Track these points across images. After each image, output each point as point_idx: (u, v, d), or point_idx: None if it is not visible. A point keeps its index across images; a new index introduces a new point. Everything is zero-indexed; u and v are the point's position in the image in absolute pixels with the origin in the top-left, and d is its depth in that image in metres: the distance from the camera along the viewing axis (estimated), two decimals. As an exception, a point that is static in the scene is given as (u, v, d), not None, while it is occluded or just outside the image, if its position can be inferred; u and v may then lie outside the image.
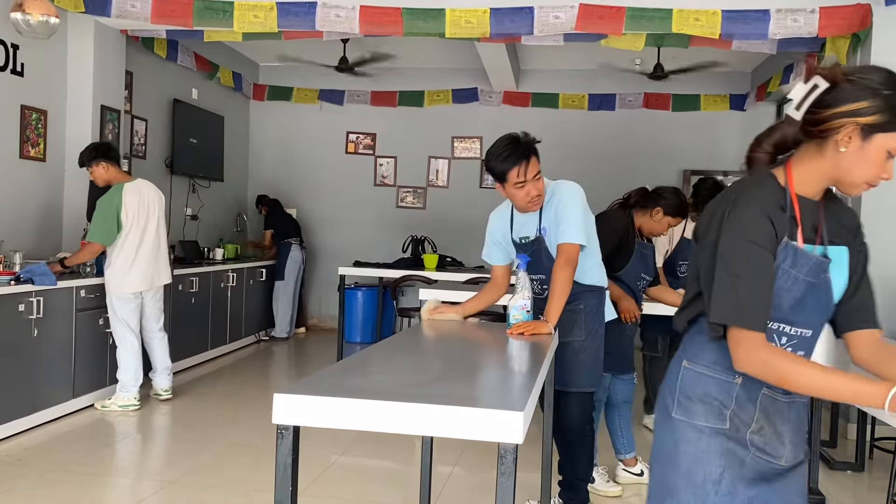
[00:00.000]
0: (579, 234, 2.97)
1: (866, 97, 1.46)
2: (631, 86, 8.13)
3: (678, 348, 1.75)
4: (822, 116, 1.49)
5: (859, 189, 1.54)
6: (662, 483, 1.65)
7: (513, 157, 2.98)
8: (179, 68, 7.23)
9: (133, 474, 3.92)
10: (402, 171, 8.83)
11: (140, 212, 4.94)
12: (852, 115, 1.46)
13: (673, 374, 1.68)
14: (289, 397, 1.59)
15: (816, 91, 1.50)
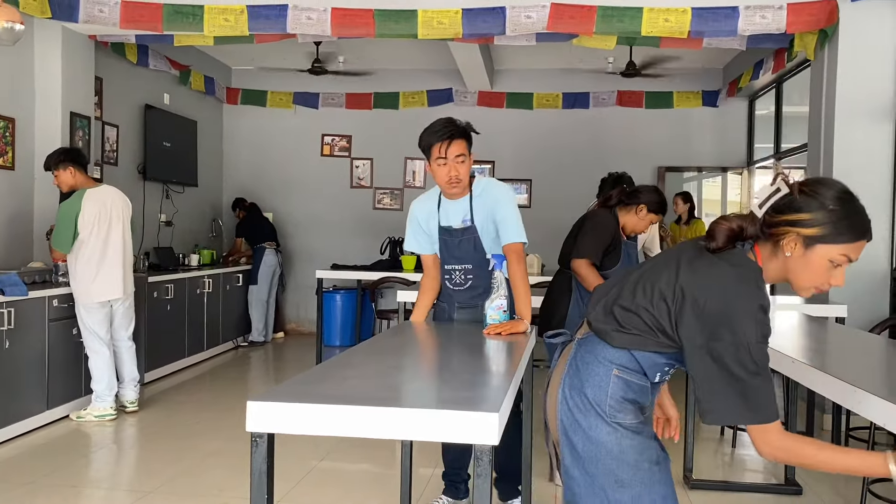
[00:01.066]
0: (521, 233, 3.08)
1: (811, 209, 1.59)
2: (604, 84, 8.18)
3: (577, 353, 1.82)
4: (773, 221, 1.64)
5: (808, 292, 1.68)
6: (608, 478, 1.74)
7: (439, 133, 3.08)
8: (150, 73, 7.16)
9: (109, 485, 3.87)
10: (379, 172, 8.81)
11: (101, 219, 4.82)
12: (795, 225, 1.61)
13: (602, 382, 1.75)
14: (263, 405, 1.58)
15: (778, 195, 1.64)
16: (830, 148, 5.11)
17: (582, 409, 1.76)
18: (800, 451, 1.62)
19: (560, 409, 1.80)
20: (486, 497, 1.54)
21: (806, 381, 2.52)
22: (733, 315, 1.58)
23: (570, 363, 1.83)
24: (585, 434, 1.76)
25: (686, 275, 1.67)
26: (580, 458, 1.77)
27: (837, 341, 3.25)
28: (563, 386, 1.81)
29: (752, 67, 6.86)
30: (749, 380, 1.57)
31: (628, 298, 1.76)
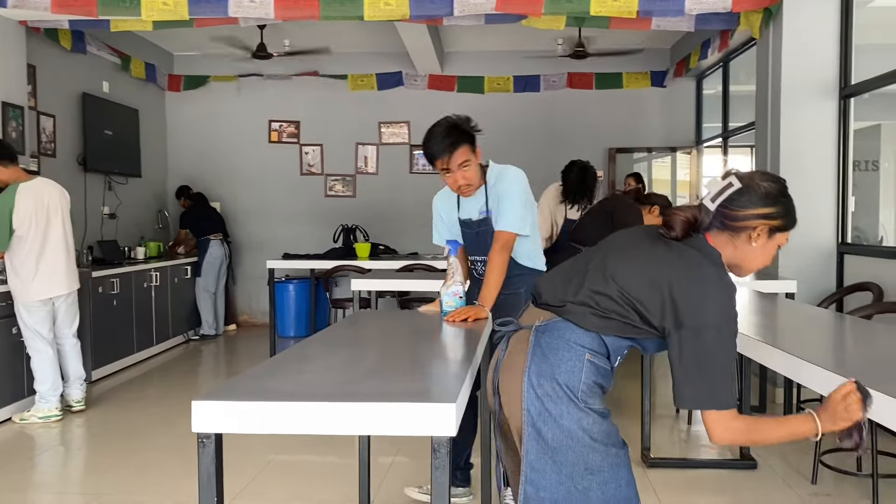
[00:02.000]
0: (515, 223, 3.01)
1: (775, 204, 1.76)
2: (554, 66, 8.17)
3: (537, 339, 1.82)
4: (741, 214, 1.76)
5: (750, 273, 1.86)
6: (578, 467, 1.77)
7: (439, 145, 2.99)
8: (88, 61, 6.89)
9: (57, 489, 3.73)
10: (329, 158, 8.67)
11: (38, 213, 4.61)
12: (765, 218, 1.76)
13: (575, 368, 1.77)
14: (209, 404, 1.51)
15: (730, 189, 1.76)
16: (777, 126, 5.18)
17: (553, 397, 1.77)
18: (750, 429, 1.74)
19: (526, 399, 1.78)
20: (444, 489, 1.50)
21: (758, 356, 2.54)
22: (712, 302, 1.70)
23: (533, 351, 1.81)
24: (556, 423, 1.76)
25: (660, 263, 1.77)
26: (549, 449, 1.77)
27: (787, 316, 3.30)
28: (529, 374, 1.79)
29: (699, 47, 6.92)
30: (725, 365, 1.68)
31: (601, 283, 1.79)
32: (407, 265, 6.21)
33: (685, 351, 1.69)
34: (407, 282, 5.33)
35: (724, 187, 1.77)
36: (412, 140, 8.61)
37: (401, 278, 5.41)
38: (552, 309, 1.85)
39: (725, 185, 1.77)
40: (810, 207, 5.10)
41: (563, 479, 1.77)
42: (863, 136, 6.27)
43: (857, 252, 4.98)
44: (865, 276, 4.61)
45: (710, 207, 1.78)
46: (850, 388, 1.68)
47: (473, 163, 3.04)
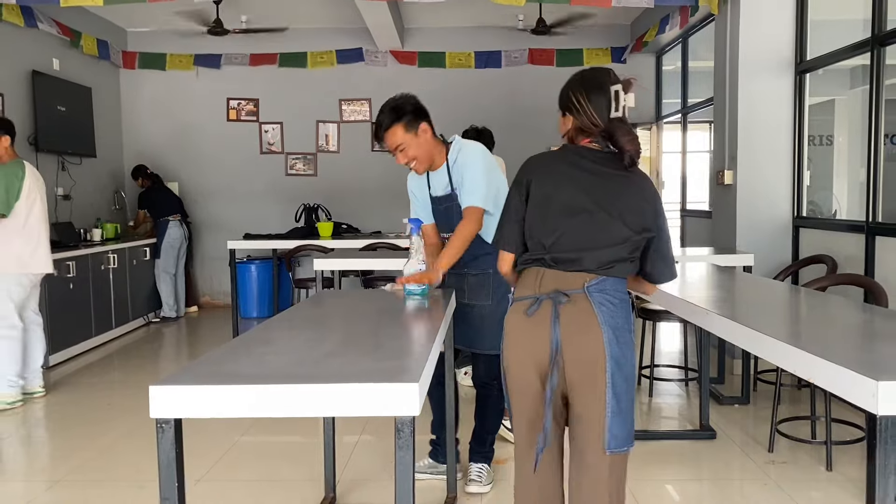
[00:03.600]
0: (481, 198, 3.00)
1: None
2: (516, 42, 8.14)
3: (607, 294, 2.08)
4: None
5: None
6: (634, 400, 2.12)
7: (377, 131, 3.05)
8: (36, 37, 6.67)
9: (18, 475, 3.65)
10: (290, 137, 8.55)
11: (32, 191, 4.73)
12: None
13: (627, 311, 2.09)
14: (167, 388, 1.49)
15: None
16: (735, 101, 5.24)
17: (629, 343, 2.09)
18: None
19: (609, 351, 2.02)
20: (408, 469, 1.50)
21: (716, 329, 2.59)
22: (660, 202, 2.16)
23: (599, 309, 2.03)
24: (628, 364, 2.07)
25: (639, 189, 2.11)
26: (623, 390, 2.05)
27: (744, 289, 3.36)
28: (605, 328, 2.02)
29: (658, 23, 6.95)
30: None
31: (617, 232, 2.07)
32: (370, 244, 6.18)
33: (664, 239, 2.13)
34: (370, 261, 5.30)
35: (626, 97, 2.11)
36: (373, 117, 8.50)
37: (364, 257, 5.39)
38: (591, 271, 2.06)
39: (632, 94, 2.10)
40: (767, 181, 5.19)
41: (629, 416, 2.07)
42: (817, 112, 6.39)
43: (811, 225, 5.09)
44: (820, 249, 4.72)
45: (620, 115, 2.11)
46: None
47: (411, 142, 3.02)
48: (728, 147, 5.37)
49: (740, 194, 5.22)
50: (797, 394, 4.67)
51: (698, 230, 6.94)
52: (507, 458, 3.55)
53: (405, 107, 3.02)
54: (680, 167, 7.81)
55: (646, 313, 4.57)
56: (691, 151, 8.03)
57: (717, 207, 5.66)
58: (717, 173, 5.54)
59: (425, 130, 3.05)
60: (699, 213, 7.23)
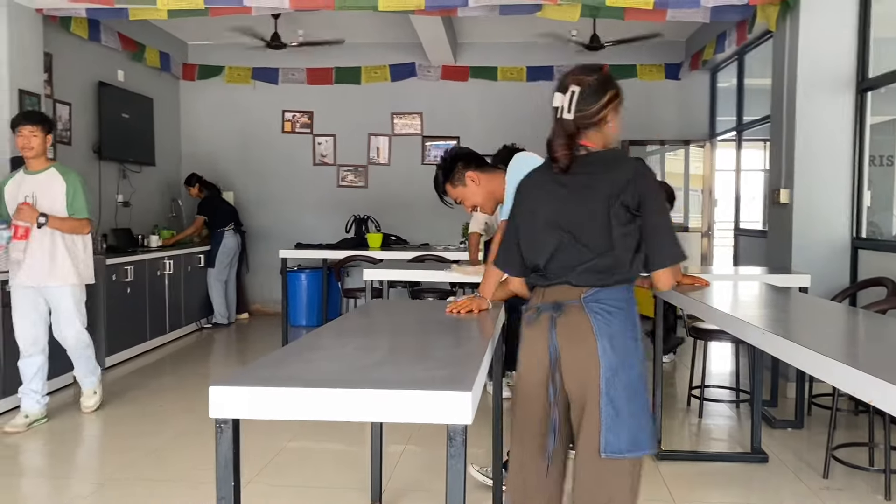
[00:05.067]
0: (506, 211, 2.97)
1: (612, 87, 2.14)
2: (568, 57, 8.13)
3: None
4: (595, 110, 2.10)
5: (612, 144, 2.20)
6: (643, 408, 2.10)
7: (438, 193, 3.21)
8: (103, 49, 6.92)
9: (75, 475, 3.76)
10: (342, 149, 8.69)
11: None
12: (611, 102, 2.14)
13: (630, 320, 2.09)
14: (226, 389, 1.52)
15: (574, 96, 2.09)
16: (792, 119, 5.15)
17: (630, 350, 2.07)
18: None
19: (604, 361, 2.04)
20: (459, 477, 1.51)
21: (771, 349, 2.54)
22: (651, 178, 2.13)
23: (594, 318, 2.05)
24: (629, 373, 2.06)
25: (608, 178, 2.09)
26: (622, 399, 2.04)
27: (801, 310, 3.28)
28: (600, 337, 2.05)
29: (714, 40, 6.88)
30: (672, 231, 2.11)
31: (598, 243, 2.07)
32: (418, 255, 6.22)
33: (655, 220, 2.08)
34: (418, 272, 5.33)
35: (570, 97, 2.09)
36: (424, 131, 8.61)
37: (412, 269, 5.42)
38: (583, 284, 2.09)
39: (570, 94, 2.09)
40: (825, 201, 5.08)
41: (633, 424, 2.05)
42: (879, 131, 6.21)
43: (871, 247, 4.95)
44: (880, 272, 4.58)
45: (570, 118, 2.09)
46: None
47: (465, 193, 3.15)
48: (785, 165, 5.26)
49: (797, 214, 5.11)
50: (854, 419, 4.53)
51: (752, 249, 6.81)
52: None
53: (449, 164, 3.15)
54: (734, 185, 7.68)
55: (697, 332, 4.50)
56: (746, 170, 7.90)
57: (773, 227, 5.55)
58: (772, 192, 5.44)
59: (473, 178, 3.13)
60: (753, 232, 7.10)
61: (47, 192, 4.30)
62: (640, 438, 2.05)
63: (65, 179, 4.33)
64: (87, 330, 4.61)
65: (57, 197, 4.31)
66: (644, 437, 2.06)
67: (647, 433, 2.08)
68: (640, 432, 2.05)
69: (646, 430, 2.07)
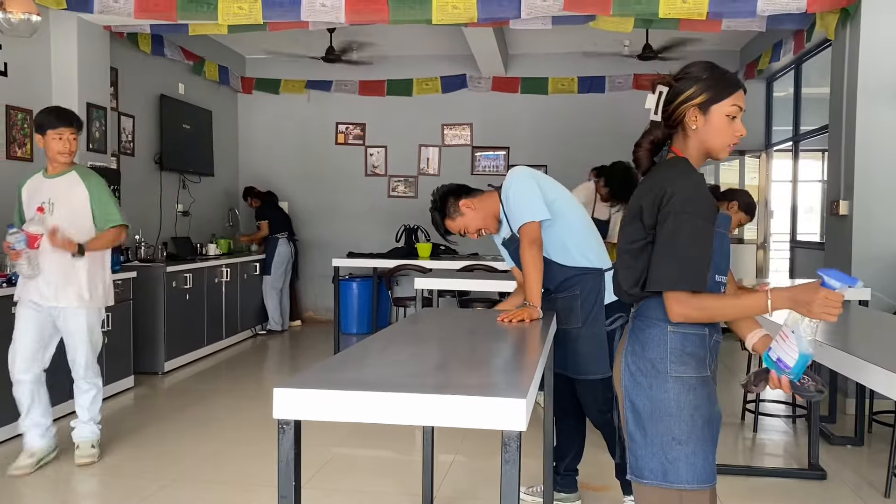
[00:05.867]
0: (524, 213, 2.99)
1: (691, 85, 1.91)
2: (620, 68, 8.10)
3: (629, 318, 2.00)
4: (669, 111, 1.95)
5: (725, 152, 1.95)
6: (666, 437, 1.89)
7: (440, 233, 3.24)
8: (165, 63, 7.17)
9: (133, 474, 3.89)
10: (393, 160, 8.80)
11: None
12: (687, 101, 1.91)
13: (660, 341, 1.90)
14: (289, 392, 1.58)
15: (663, 96, 1.95)
16: (852, 129, 5.04)
17: (644, 371, 1.92)
18: (704, 307, 1.82)
19: (623, 377, 1.95)
20: (514, 484, 1.54)
21: (829, 361, 2.49)
22: (687, 197, 1.82)
23: (629, 335, 1.98)
24: (647, 394, 1.91)
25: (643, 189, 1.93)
26: (641, 419, 1.92)
27: (860, 324, 3.22)
28: (626, 355, 1.96)
29: (770, 49, 6.77)
30: (688, 247, 1.80)
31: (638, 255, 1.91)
32: (467, 265, 6.25)
33: (658, 238, 1.84)
34: (467, 281, 5.37)
35: (657, 98, 1.96)
36: (474, 142, 8.67)
37: (461, 278, 5.46)
38: (631, 296, 1.96)
39: (657, 95, 1.96)
40: (885, 213, 4.95)
41: (655, 451, 1.89)
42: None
43: (936, 260, 4.80)
44: (945, 285, 4.44)
45: (658, 119, 1.98)
46: (830, 294, 1.67)
47: (464, 222, 3.15)
48: (844, 176, 5.15)
49: (856, 226, 4.99)
50: (917, 438, 4.39)
51: (809, 262, 6.66)
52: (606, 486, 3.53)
53: (441, 203, 3.17)
54: (790, 197, 7.53)
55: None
56: (802, 180, 7.73)
57: (831, 239, 5.42)
58: (831, 203, 5.32)
59: (468, 205, 3.14)
60: (810, 244, 6.94)
61: (66, 198, 3.80)
62: (663, 468, 1.88)
63: (86, 185, 3.84)
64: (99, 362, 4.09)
65: (76, 204, 3.81)
66: (669, 467, 1.87)
67: (673, 464, 1.87)
68: (664, 462, 1.88)
69: (670, 459, 1.87)
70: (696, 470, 1.87)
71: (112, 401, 5.13)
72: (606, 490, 3.51)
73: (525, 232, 2.97)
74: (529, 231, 2.97)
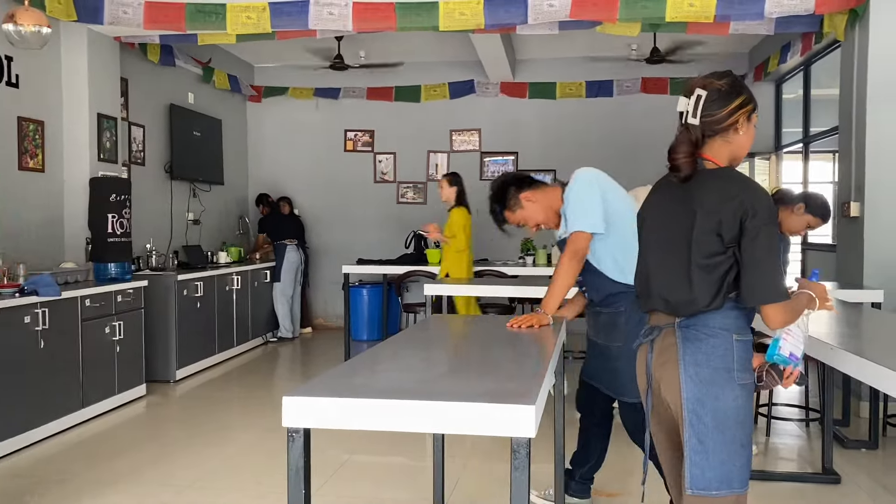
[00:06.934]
0: (578, 221, 2.92)
1: (741, 93, 1.96)
2: (628, 71, 8.09)
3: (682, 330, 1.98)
4: (724, 115, 1.94)
5: (743, 158, 2.05)
6: (735, 444, 1.93)
7: (497, 223, 3.19)
8: (174, 73, 7.22)
9: (146, 480, 3.91)
10: (402, 166, 8.82)
11: None
12: (741, 108, 1.96)
13: (722, 349, 1.93)
14: (298, 399, 1.58)
15: (701, 100, 1.94)
16: (862, 130, 5.01)
17: (712, 381, 1.93)
18: (796, 310, 1.96)
19: (685, 388, 1.94)
20: (523, 490, 1.53)
21: (842, 366, 2.48)
22: (770, 209, 1.89)
23: (683, 344, 1.96)
24: (714, 404, 1.92)
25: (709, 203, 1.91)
26: (708, 429, 1.92)
27: (874, 326, 3.19)
28: (685, 364, 1.95)
29: (779, 51, 6.75)
30: (776, 265, 1.88)
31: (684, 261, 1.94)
32: (477, 271, 6.26)
33: (754, 252, 1.87)
34: (477, 287, 5.37)
35: (696, 101, 1.94)
36: (483, 147, 8.68)
37: (472, 284, 5.46)
38: (671, 310, 1.99)
39: (696, 98, 1.95)
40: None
41: (723, 458, 1.91)
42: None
43: (949, 261, 4.76)
44: (958, 287, 4.41)
45: (695, 123, 1.95)
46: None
47: (524, 215, 3.12)
48: (855, 178, 5.12)
49: (868, 227, 4.96)
50: (932, 441, 4.36)
51: (821, 264, 6.61)
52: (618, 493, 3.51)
53: (501, 193, 3.12)
54: (801, 198, 7.48)
55: (763, 348, 4.39)
56: (813, 182, 7.69)
57: (843, 241, 5.39)
58: (842, 205, 5.29)
59: (529, 198, 3.10)
60: (822, 246, 6.90)
61: None
62: (730, 476, 1.92)
63: None
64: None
65: None
66: (735, 473, 1.92)
67: (742, 471, 1.93)
68: (731, 469, 1.92)
69: (737, 466, 1.92)
70: (747, 473, 1.97)
71: (124, 409, 5.16)
72: (618, 496, 3.49)
73: (573, 240, 2.90)
74: (577, 240, 2.90)
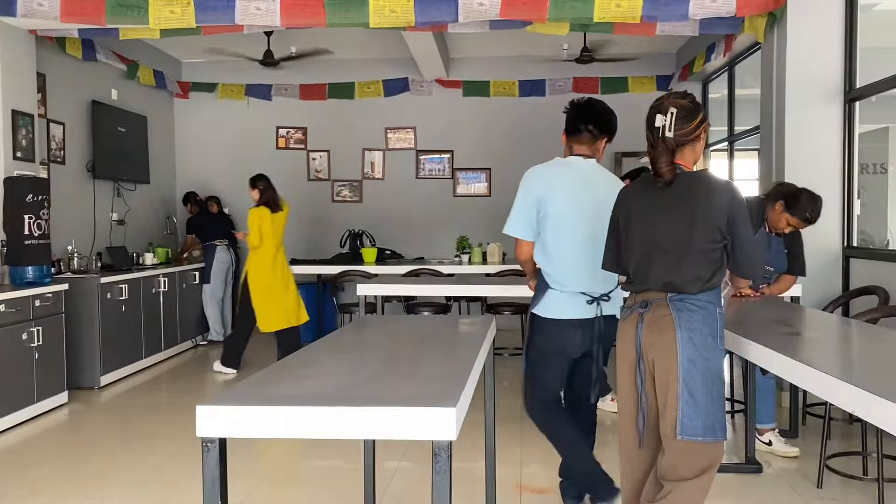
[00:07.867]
0: (507, 225, 3.03)
1: (702, 109, 2.43)
2: (560, 71, 8.18)
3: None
4: (692, 128, 2.39)
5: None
6: (718, 398, 2.36)
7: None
8: (97, 69, 6.95)
9: (62, 494, 3.75)
10: (336, 164, 8.72)
11: None
12: (703, 122, 2.43)
13: (709, 319, 2.35)
14: (213, 409, 1.53)
15: (673, 116, 2.35)
16: (782, 130, 5.18)
17: (706, 345, 2.33)
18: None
19: (682, 351, 2.31)
20: (445, 493, 1.52)
21: (761, 361, 2.55)
22: (745, 205, 2.38)
23: (678, 315, 2.33)
24: (706, 364, 2.32)
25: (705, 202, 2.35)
26: (699, 385, 2.30)
27: (792, 320, 3.30)
28: (683, 331, 2.32)
29: (704, 51, 6.92)
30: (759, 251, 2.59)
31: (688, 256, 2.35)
32: (413, 270, 6.24)
33: (744, 236, 2.34)
34: (413, 286, 5.35)
35: (671, 118, 2.34)
36: (418, 145, 8.65)
37: (407, 283, 5.43)
38: (671, 288, 2.36)
39: (670, 115, 2.34)
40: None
41: (709, 411, 2.30)
42: (871, 139, 6.25)
43: (863, 255, 4.96)
44: (871, 280, 4.60)
45: (671, 136, 2.34)
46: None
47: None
48: (775, 175, 5.29)
49: (788, 223, 5.13)
50: (848, 428, 4.53)
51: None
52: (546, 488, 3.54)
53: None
54: (726, 195, 7.70)
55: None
56: (738, 179, 7.93)
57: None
58: (764, 202, 5.46)
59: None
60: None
61: None
62: (714, 426, 2.31)
63: None
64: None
65: None
66: (718, 425, 2.32)
67: (721, 422, 2.33)
68: (715, 420, 2.31)
69: (720, 418, 2.33)
70: (725, 423, 2.38)
71: (44, 418, 4.94)
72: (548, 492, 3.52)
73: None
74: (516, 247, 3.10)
